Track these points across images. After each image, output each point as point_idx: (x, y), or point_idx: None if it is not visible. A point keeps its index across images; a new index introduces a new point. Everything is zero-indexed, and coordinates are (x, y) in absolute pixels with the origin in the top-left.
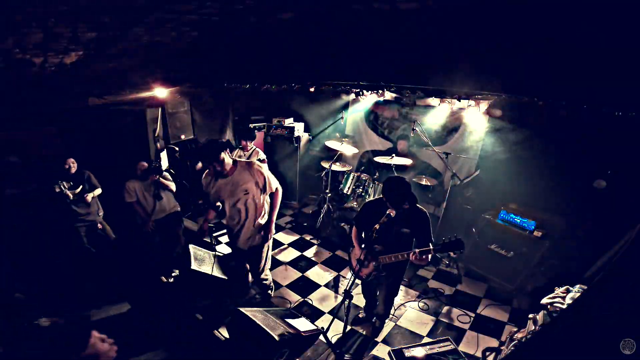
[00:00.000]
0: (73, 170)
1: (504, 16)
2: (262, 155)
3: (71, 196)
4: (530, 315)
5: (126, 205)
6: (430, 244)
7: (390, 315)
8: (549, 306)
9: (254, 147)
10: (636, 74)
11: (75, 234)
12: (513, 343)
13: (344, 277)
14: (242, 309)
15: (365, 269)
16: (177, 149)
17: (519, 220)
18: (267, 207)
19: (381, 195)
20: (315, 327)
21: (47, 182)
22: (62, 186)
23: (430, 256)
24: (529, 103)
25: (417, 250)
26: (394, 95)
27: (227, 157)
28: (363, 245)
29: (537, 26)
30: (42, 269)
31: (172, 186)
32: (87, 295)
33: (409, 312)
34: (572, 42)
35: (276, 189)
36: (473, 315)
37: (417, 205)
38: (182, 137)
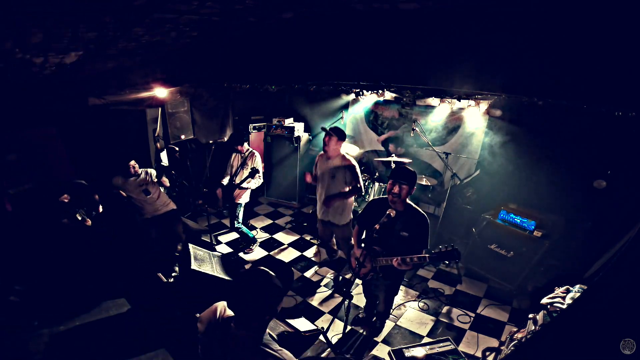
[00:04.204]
0: (67, 201)
1: (504, 16)
2: (259, 163)
3: (89, 222)
4: (530, 315)
5: (125, 203)
6: (425, 252)
7: (390, 315)
8: (549, 306)
9: (251, 149)
10: (636, 73)
11: (84, 236)
12: (513, 343)
13: (344, 277)
14: None
15: (364, 269)
16: (177, 149)
17: (519, 220)
18: None
19: (384, 195)
20: (315, 327)
21: (50, 187)
22: (81, 215)
23: (419, 263)
24: (529, 103)
25: (408, 256)
26: (394, 95)
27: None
28: (363, 245)
29: (536, 25)
30: (42, 269)
31: (166, 182)
32: (87, 295)
33: (409, 312)
34: (571, 41)
35: None
36: (473, 315)
37: (418, 208)
38: (182, 137)
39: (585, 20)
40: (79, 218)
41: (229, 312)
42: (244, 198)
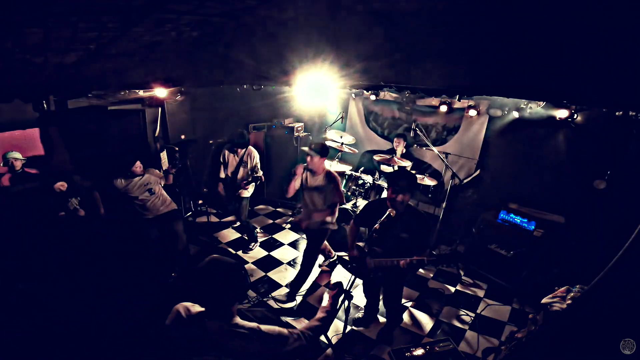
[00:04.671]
0: (64, 189)
1: (504, 17)
2: (257, 158)
3: (82, 212)
4: (530, 315)
5: (126, 203)
6: (424, 254)
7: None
8: (549, 306)
9: (249, 146)
10: (635, 73)
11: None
12: (513, 343)
13: (344, 277)
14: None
15: (354, 253)
16: (177, 149)
17: (519, 220)
18: None
19: (384, 195)
20: None
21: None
22: (73, 203)
23: (418, 265)
24: (529, 103)
25: (408, 259)
26: (394, 95)
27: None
28: (361, 244)
29: (538, 25)
30: (42, 269)
31: (171, 179)
32: (87, 295)
33: (409, 312)
34: (572, 41)
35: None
36: (473, 315)
37: (420, 210)
38: (182, 137)
39: (582, 20)
40: (71, 207)
41: (197, 309)
42: (249, 191)
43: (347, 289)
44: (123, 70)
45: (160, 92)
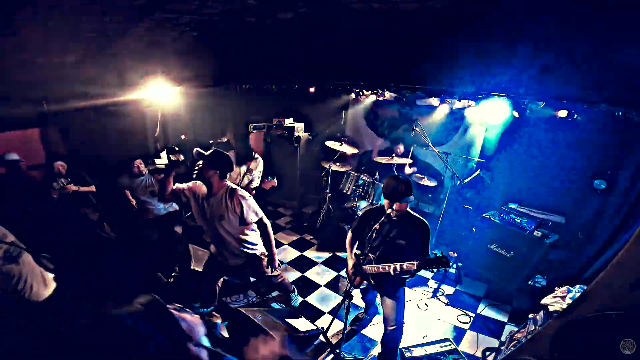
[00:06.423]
0: (63, 172)
1: (502, 16)
2: (261, 165)
3: (70, 191)
4: (530, 315)
5: (126, 204)
6: (414, 261)
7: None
8: (549, 306)
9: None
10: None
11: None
12: (513, 343)
13: (344, 277)
14: (242, 309)
15: (359, 278)
16: (177, 149)
17: (519, 220)
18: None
19: (381, 203)
20: (315, 327)
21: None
22: (61, 183)
23: (414, 271)
24: (529, 103)
25: (398, 264)
26: (394, 95)
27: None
28: (355, 251)
29: (536, 26)
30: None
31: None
32: (86, 294)
33: (409, 312)
34: (569, 41)
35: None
36: (473, 315)
37: (418, 215)
38: (182, 137)
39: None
40: (57, 187)
41: None
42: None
43: (347, 289)
44: (123, 70)
45: (160, 92)
